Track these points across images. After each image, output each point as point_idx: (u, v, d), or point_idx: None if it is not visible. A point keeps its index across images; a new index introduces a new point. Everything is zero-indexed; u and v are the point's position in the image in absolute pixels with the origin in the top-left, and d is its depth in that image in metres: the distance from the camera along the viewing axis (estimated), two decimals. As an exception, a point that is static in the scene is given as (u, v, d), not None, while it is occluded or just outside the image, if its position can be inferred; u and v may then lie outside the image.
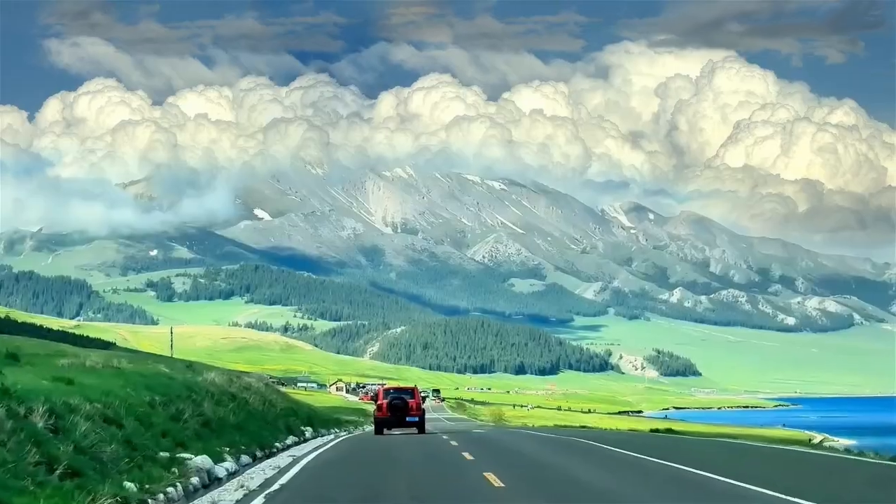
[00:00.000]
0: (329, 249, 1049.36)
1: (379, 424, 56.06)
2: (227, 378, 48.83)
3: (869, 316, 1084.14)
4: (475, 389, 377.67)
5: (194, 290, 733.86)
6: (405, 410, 55.54)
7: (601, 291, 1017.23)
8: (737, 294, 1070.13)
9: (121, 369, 38.15)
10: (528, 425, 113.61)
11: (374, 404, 59.19)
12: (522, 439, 50.76)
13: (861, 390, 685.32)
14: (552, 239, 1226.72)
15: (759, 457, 36.19)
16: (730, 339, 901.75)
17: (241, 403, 42.82)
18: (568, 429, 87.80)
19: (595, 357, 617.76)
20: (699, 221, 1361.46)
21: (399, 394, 57.63)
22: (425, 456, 36.11)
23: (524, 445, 43.89)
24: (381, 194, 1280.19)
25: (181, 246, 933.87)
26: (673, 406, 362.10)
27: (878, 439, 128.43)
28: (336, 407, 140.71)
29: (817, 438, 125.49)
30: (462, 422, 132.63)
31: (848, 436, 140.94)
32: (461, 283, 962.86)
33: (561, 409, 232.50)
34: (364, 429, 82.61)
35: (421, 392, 62.14)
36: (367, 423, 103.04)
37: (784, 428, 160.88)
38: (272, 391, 59.68)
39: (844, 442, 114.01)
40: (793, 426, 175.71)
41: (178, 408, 32.60)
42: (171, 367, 54.34)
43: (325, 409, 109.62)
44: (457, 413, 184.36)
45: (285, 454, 38.09)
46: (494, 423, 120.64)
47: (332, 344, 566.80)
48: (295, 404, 63.66)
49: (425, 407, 66.08)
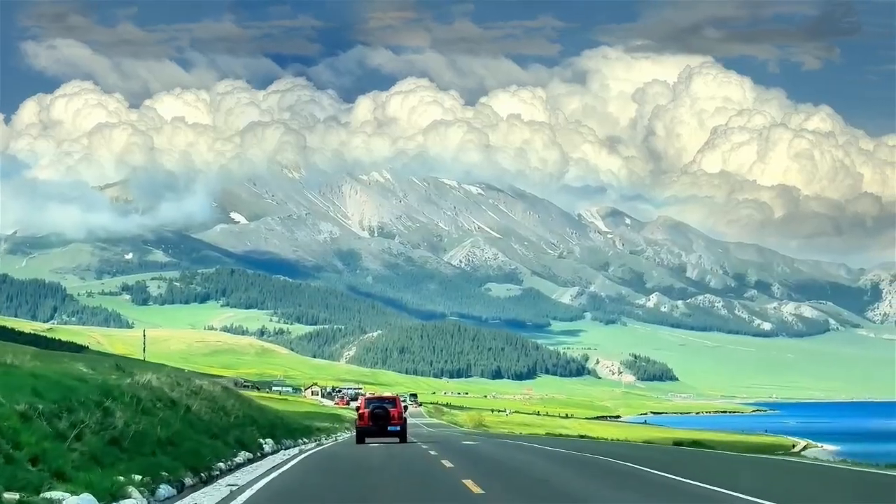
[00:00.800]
0: (305, 253, 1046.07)
1: (361, 433, 56.50)
2: (170, 380, 42.08)
3: (844, 321, 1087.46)
4: (452, 394, 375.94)
5: (170, 294, 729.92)
6: (387, 419, 55.76)
7: (578, 296, 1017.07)
8: (713, 299, 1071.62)
9: (13, 367, 29.99)
10: (516, 433, 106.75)
11: (356, 413, 60.28)
12: (529, 457, 41.72)
13: (837, 395, 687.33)
14: (529, 244, 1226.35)
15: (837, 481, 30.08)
16: (706, 344, 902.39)
17: (181, 412, 36.00)
18: (566, 439, 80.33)
19: (572, 362, 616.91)
20: (676, 227, 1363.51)
21: (381, 403, 57.86)
22: (413, 484, 28.30)
23: (542, 469, 34.16)
24: (358, 198, 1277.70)
25: (157, 249, 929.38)
26: (651, 411, 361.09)
27: (863, 445, 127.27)
28: (309, 412, 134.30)
29: (800, 444, 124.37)
30: (441, 428, 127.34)
31: (830, 441, 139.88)
32: (438, 288, 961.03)
33: (539, 413, 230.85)
34: (338, 438, 76.64)
35: (402, 400, 62.47)
36: (342, 431, 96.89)
37: (766, 434, 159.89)
38: (230, 396, 53.01)
39: (828, 448, 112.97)
40: (774, 432, 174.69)
41: (74, 420, 24.34)
42: (95, 368, 46.16)
43: (298, 414, 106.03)
44: (435, 418, 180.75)
45: (226, 480, 29.43)
46: (477, 430, 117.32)
47: (308, 348, 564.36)
48: (258, 411, 57.24)
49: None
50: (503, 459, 40.14)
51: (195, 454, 30.60)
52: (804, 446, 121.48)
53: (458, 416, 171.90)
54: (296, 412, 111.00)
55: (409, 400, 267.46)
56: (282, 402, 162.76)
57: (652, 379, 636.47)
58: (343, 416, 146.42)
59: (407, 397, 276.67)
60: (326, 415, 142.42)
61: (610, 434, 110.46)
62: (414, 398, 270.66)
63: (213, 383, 54.70)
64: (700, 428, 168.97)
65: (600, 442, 72.75)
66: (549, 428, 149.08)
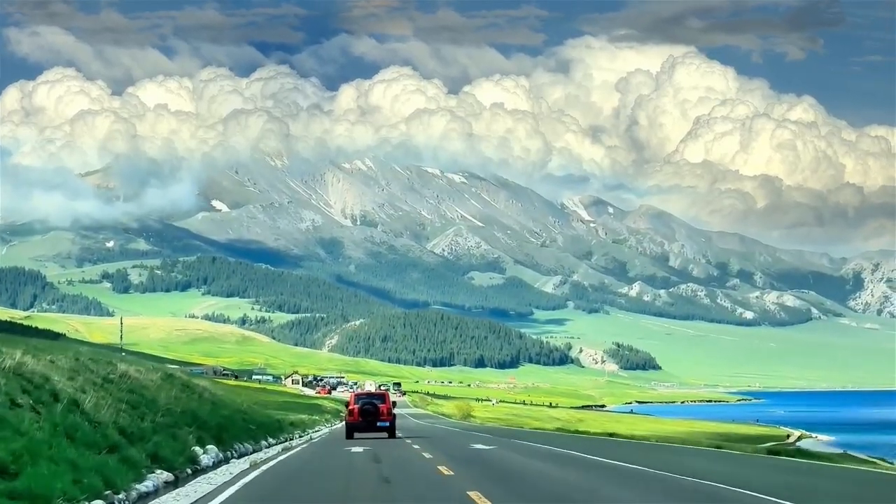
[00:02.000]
0: (288, 242, 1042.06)
1: (350, 429, 56.85)
2: (72, 364, 33.03)
3: (826, 310, 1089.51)
4: (434, 382, 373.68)
5: (150, 282, 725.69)
6: (376, 415, 56.08)
7: (561, 285, 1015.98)
8: (695, 288, 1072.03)
9: None
10: (522, 428, 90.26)
11: (346, 409, 60.72)
12: (584, 477, 29.22)
13: (819, 384, 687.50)
14: (512, 232, 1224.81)
15: None
16: (689, 332, 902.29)
17: (57, 410, 24.66)
18: (590, 436, 65.53)
19: (555, 350, 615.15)
20: (658, 216, 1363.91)
21: (370, 399, 58.29)
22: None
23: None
24: (341, 186, 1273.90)
25: (138, 237, 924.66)
26: (636, 400, 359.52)
27: (858, 436, 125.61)
28: (286, 402, 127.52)
29: (795, 435, 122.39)
30: (429, 419, 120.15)
31: (823, 431, 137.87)
32: (421, 276, 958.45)
33: (525, 403, 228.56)
34: (314, 436, 65.57)
35: (384, 387, 63.84)
36: (321, 424, 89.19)
37: (759, 424, 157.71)
38: (171, 385, 42.32)
39: (823, 438, 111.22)
40: (765, 422, 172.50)
41: None
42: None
43: (273, 405, 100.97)
44: (419, 408, 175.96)
45: None
46: (467, 422, 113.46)
47: (290, 336, 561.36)
48: (208, 405, 45.32)
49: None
50: (536, 477, 28.23)
51: (42, 488, 18.15)
52: (798, 437, 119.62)
53: (443, 406, 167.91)
54: (270, 402, 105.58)
55: (392, 389, 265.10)
56: (260, 391, 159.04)
57: (635, 368, 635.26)
58: (323, 405, 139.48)
59: (390, 386, 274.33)
60: (305, 405, 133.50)
61: (639, 429, 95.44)
62: (397, 387, 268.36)
63: (151, 369, 44.40)
64: (691, 418, 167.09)
65: (655, 445, 51.26)
66: (561, 421, 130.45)
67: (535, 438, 57.40)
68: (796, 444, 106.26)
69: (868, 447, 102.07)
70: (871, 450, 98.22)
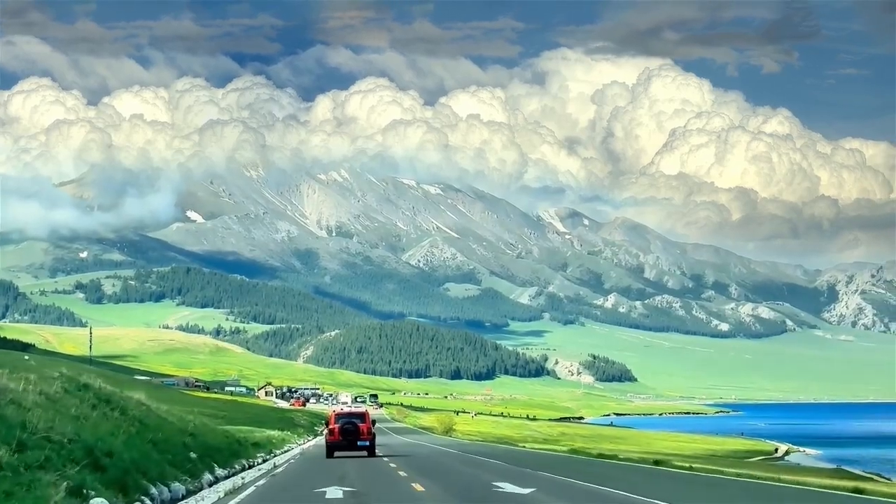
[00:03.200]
0: (263, 253, 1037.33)
1: (330, 448, 56.79)
2: None
3: (801, 322, 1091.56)
4: (411, 394, 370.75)
5: (124, 293, 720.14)
6: (356, 434, 56.32)
7: (536, 296, 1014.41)
8: (671, 300, 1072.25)
9: None
10: (516, 445, 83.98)
11: (326, 428, 60.25)
12: None
13: (795, 396, 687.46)
14: (488, 244, 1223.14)
15: None
16: (665, 344, 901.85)
17: None
18: (632, 463, 53.42)
19: (531, 362, 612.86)
20: (634, 228, 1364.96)
21: (350, 419, 58.02)
22: None
23: None
24: (317, 197, 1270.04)
25: (112, 247, 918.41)
26: (614, 412, 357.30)
27: (845, 450, 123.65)
28: (256, 415, 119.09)
29: (782, 449, 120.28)
30: (410, 433, 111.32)
31: (808, 445, 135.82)
32: (396, 288, 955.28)
33: (503, 415, 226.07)
34: (279, 461, 55.40)
35: (360, 398, 61.47)
36: (291, 442, 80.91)
37: (744, 437, 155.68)
38: (81, 398, 32.60)
39: (810, 452, 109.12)
40: (750, 435, 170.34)
41: None
42: None
43: (244, 417, 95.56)
44: (398, 421, 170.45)
45: None
46: (446, 434, 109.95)
47: (264, 347, 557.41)
48: (136, 426, 33.84)
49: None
50: None
51: None
52: (786, 451, 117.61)
53: (422, 419, 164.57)
54: (239, 417, 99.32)
55: (369, 401, 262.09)
56: (230, 403, 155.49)
57: (611, 380, 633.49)
58: (297, 419, 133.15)
59: (367, 398, 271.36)
60: (277, 419, 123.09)
61: (654, 447, 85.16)
62: (374, 399, 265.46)
63: (60, 377, 33.98)
64: (674, 431, 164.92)
65: (739, 482, 38.93)
66: (566, 438, 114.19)
67: (571, 470, 43.97)
68: (784, 458, 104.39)
69: (858, 462, 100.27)
70: (860, 464, 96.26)
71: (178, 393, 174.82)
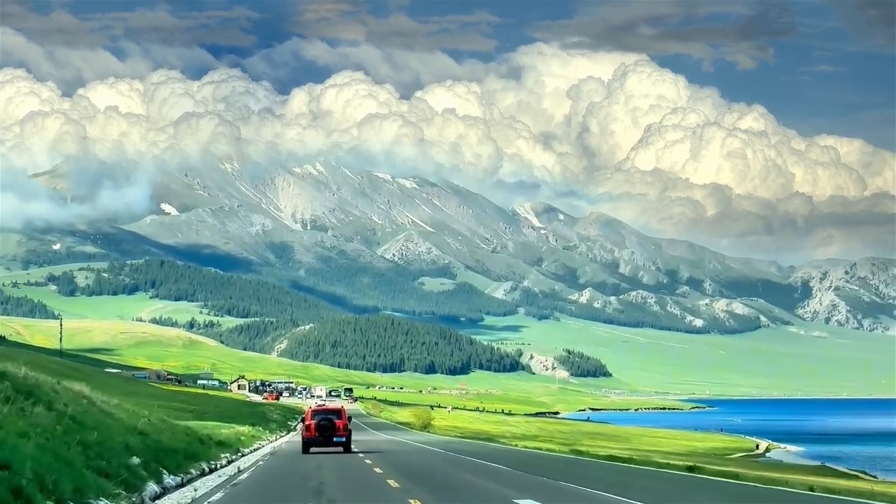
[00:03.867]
0: (237, 246, 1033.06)
1: (307, 444, 57.24)
2: None
3: (775, 318, 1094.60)
4: (385, 388, 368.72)
5: (97, 285, 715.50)
6: (332, 431, 56.86)
7: (511, 291, 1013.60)
8: (645, 295, 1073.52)
9: None
10: (500, 441, 77.72)
11: (302, 424, 60.71)
12: None
13: (769, 392, 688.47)
14: (463, 238, 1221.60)
15: None
16: (639, 340, 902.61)
17: None
18: (672, 471, 44.91)
19: (506, 357, 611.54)
20: (609, 223, 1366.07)
21: (326, 415, 58.67)
22: None
23: None
24: (292, 191, 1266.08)
25: (85, 240, 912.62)
26: (589, 407, 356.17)
27: (825, 447, 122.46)
28: (227, 409, 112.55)
29: (763, 445, 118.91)
30: (389, 429, 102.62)
31: (787, 441, 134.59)
32: (371, 282, 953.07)
33: (479, 410, 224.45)
34: (243, 465, 46.27)
35: (334, 392, 60.81)
36: (263, 439, 74.95)
37: (723, 433, 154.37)
38: None
39: (791, 449, 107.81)
40: (729, 431, 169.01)
41: None
42: None
43: (215, 412, 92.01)
44: (374, 416, 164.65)
45: None
46: (423, 429, 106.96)
47: (238, 341, 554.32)
48: (67, 423, 28.91)
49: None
50: None
51: None
52: (766, 447, 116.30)
53: (398, 414, 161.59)
54: (210, 411, 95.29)
55: (344, 395, 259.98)
56: (202, 396, 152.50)
57: (585, 375, 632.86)
58: (270, 413, 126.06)
59: (342, 392, 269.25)
60: (249, 413, 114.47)
61: (656, 444, 78.49)
62: (349, 393, 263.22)
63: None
64: (652, 426, 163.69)
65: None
66: (551, 436, 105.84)
67: (593, 479, 37.19)
68: (766, 455, 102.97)
69: (840, 459, 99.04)
70: (843, 461, 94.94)
71: (147, 386, 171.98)
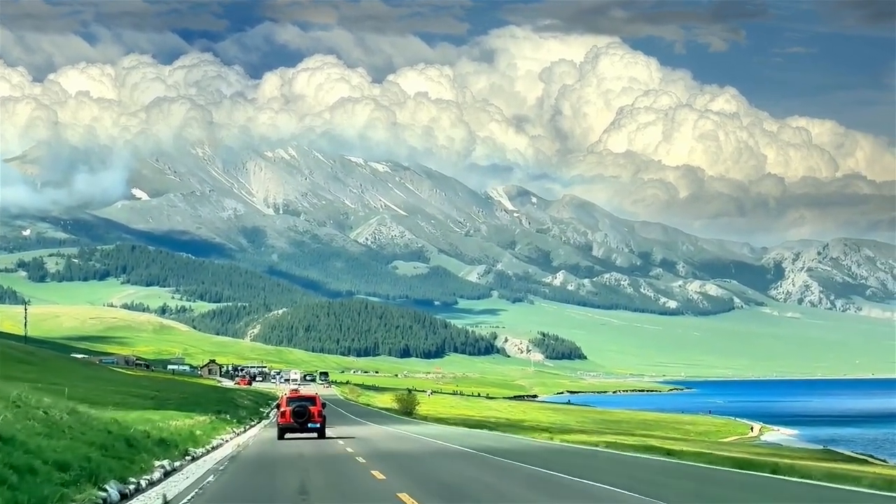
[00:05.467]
0: (209, 230, 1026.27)
1: (282, 430, 58.13)
2: None
3: (749, 299, 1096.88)
4: (359, 372, 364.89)
5: (68, 271, 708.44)
6: (307, 417, 57.73)
7: (485, 274, 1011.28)
8: (619, 277, 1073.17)
9: None
10: (549, 439, 62.89)
11: (278, 411, 61.89)
12: None
13: (744, 373, 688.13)
14: (436, 222, 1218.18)
15: None
16: (613, 322, 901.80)
17: None
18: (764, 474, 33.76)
19: (480, 340, 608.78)
20: (582, 205, 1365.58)
21: (301, 402, 59.63)
22: None
23: None
24: (264, 175, 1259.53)
25: (56, 225, 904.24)
26: (567, 390, 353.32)
27: (818, 429, 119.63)
28: (192, 395, 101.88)
29: (755, 428, 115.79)
30: (375, 417, 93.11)
31: (777, 423, 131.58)
32: (344, 266, 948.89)
33: (458, 393, 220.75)
34: (181, 484, 30.47)
35: (309, 377, 58.61)
36: (224, 434, 57.70)
37: (712, 415, 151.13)
38: None
39: (785, 432, 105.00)
40: (718, 413, 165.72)
41: None
42: None
43: (176, 399, 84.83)
44: (352, 400, 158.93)
45: None
46: (409, 416, 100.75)
47: (211, 326, 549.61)
48: None
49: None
50: None
51: None
52: (759, 430, 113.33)
53: (376, 398, 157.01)
54: (172, 398, 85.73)
55: (319, 378, 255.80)
56: (168, 382, 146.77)
57: (560, 357, 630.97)
58: (240, 400, 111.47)
59: (317, 376, 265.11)
60: (215, 399, 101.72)
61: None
62: (325, 377, 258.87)
63: None
64: (635, 409, 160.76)
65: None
66: (537, 420, 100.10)
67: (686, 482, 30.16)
68: (760, 438, 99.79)
69: (840, 442, 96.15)
70: (843, 444, 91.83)
71: (108, 371, 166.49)
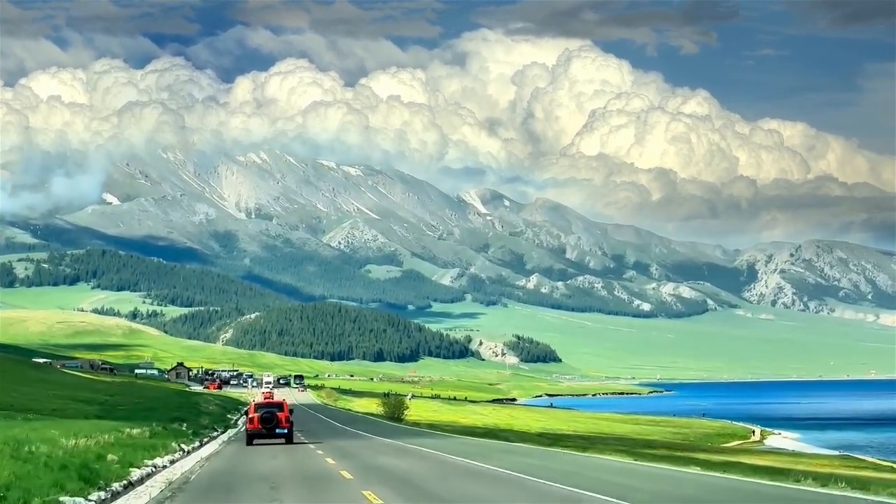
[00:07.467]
0: (181, 235, 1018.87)
1: (250, 436, 58.48)
2: None
3: (722, 301, 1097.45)
4: (335, 376, 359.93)
5: (37, 276, 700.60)
6: (275, 423, 58.25)
7: (458, 278, 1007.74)
8: (592, 280, 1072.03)
9: None
10: (608, 456, 48.42)
11: (246, 418, 62.20)
12: None
13: (719, 375, 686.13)
14: (409, 225, 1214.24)
15: None
16: (587, 325, 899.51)
17: None
18: None
19: (455, 343, 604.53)
20: (555, 208, 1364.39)
21: (269, 408, 60.30)
22: None
23: None
24: (235, 179, 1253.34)
25: (25, 230, 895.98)
26: (546, 393, 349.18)
27: (821, 434, 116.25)
28: (150, 401, 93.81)
29: (756, 432, 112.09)
30: (362, 424, 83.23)
31: (774, 427, 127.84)
32: (317, 270, 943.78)
33: (437, 397, 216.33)
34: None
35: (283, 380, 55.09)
36: (171, 453, 43.79)
37: (706, 418, 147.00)
38: None
39: (789, 436, 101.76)
40: (712, 416, 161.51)
41: None
42: None
43: (127, 407, 79.05)
44: (330, 405, 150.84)
45: None
46: (396, 421, 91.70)
47: (182, 330, 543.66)
48: None
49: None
50: None
51: None
52: (761, 434, 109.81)
53: (353, 403, 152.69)
54: (125, 405, 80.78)
55: (294, 382, 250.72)
56: (127, 386, 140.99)
57: (535, 360, 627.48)
58: (205, 406, 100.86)
59: (291, 380, 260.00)
60: (176, 405, 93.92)
61: (642, 432, 67.49)
62: (300, 381, 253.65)
63: None
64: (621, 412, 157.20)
65: None
66: (527, 425, 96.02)
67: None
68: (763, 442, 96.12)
69: (849, 447, 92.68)
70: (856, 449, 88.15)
71: (62, 374, 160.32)
